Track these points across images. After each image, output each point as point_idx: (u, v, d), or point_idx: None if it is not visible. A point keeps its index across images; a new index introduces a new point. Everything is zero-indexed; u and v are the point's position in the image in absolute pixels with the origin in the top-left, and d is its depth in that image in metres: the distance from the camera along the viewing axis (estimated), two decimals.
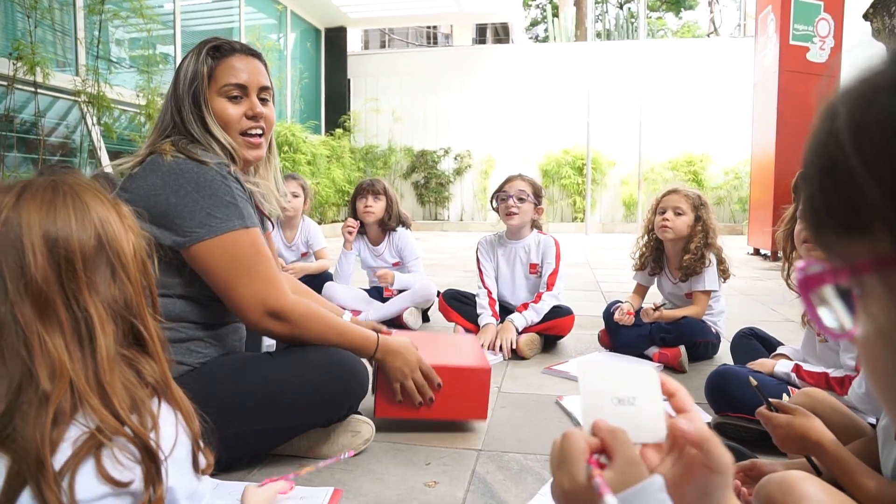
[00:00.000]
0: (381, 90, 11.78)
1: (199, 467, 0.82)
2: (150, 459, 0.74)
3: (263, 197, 1.63)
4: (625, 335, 2.48)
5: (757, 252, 6.69)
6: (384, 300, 3.16)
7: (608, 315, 2.55)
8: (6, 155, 4.97)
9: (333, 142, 10.46)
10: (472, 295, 2.81)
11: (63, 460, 0.70)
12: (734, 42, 11.77)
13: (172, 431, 0.78)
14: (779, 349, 1.89)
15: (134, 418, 0.74)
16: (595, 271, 5.39)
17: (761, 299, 3.94)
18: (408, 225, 3.33)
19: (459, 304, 2.82)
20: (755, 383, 1.19)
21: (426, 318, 3.24)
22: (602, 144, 10.74)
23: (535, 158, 11.18)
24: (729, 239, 5.25)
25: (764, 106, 6.33)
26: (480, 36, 22.39)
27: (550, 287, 2.67)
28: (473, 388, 1.68)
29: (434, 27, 20.99)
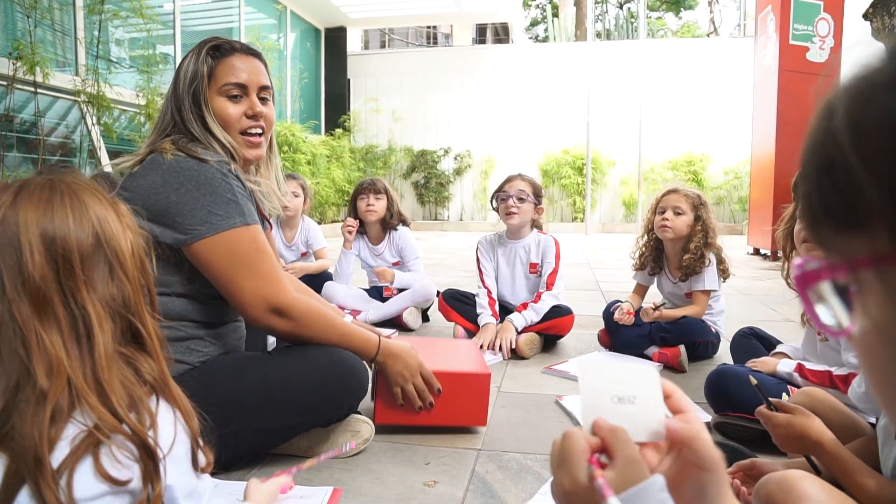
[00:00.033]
0: (381, 90, 11.78)
1: (199, 465, 0.82)
2: (149, 457, 0.74)
3: (264, 196, 1.63)
4: (624, 335, 2.48)
5: (757, 252, 6.69)
6: (384, 300, 3.16)
7: (608, 315, 2.55)
8: (6, 155, 4.97)
9: (333, 142, 10.47)
10: (472, 295, 2.81)
11: (61, 458, 0.70)
12: (734, 42, 11.78)
13: (171, 429, 0.78)
14: (778, 347, 1.89)
15: (132, 416, 0.74)
16: (595, 271, 5.39)
17: (761, 299, 3.94)
18: (408, 224, 3.34)
19: (459, 304, 2.81)
20: (755, 382, 1.19)
21: (426, 318, 3.24)
22: (602, 144, 10.74)
23: (535, 158, 11.18)
24: (729, 239, 5.25)
25: (764, 106, 6.33)
26: (480, 36, 22.39)
27: (550, 287, 2.67)
28: (473, 394, 1.67)
29: (434, 27, 20.99)
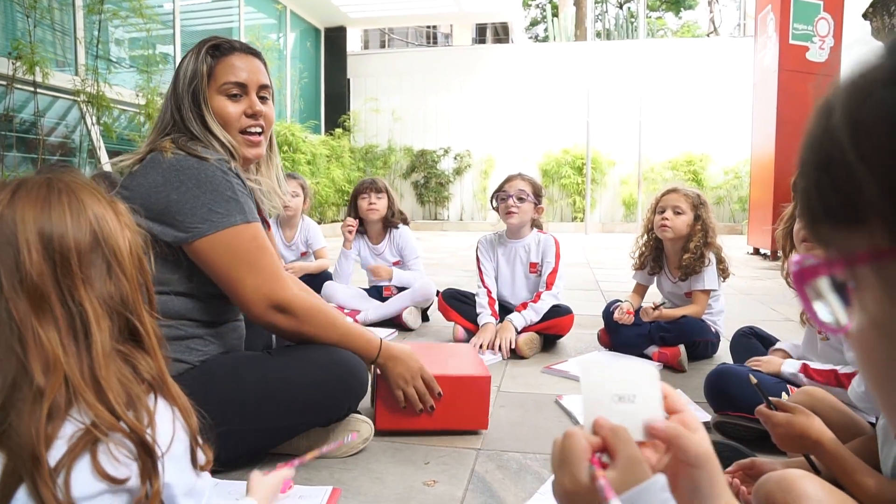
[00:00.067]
0: (381, 90, 11.78)
1: (198, 464, 0.81)
2: (147, 455, 0.74)
3: (264, 194, 1.63)
4: (624, 334, 2.48)
5: (757, 251, 6.69)
6: (384, 299, 3.16)
7: (608, 314, 2.55)
8: (6, 154, 4.97)
9: (333, 141, 10.47)
10: (472, 294, 2.81)
11: (58, 457, 0.69)
12: (734, 42, 11.78)
13: (170, 427, 0.78)
14: (777, 345, 1.88)
15: (130, 414, 0.74)
16: (595, 271, 5.39)
17: (761, 299, 3.94)
18: (407, 223, 3.35)
19: (459, 304, 2.81)
20: (755, 381, 1.19)
21: (426, 318, 3.23)
22: (602, 144, 10.74)
23: (535, 158, 11.17)
24: (729, 238, 5.25)
25: (764, 105, 6.33)
26: (480, 36, 22.39)
27: (550, 286, 2.66)
28: (474, 397, 1.67)
29: (434, 27, 20.98)
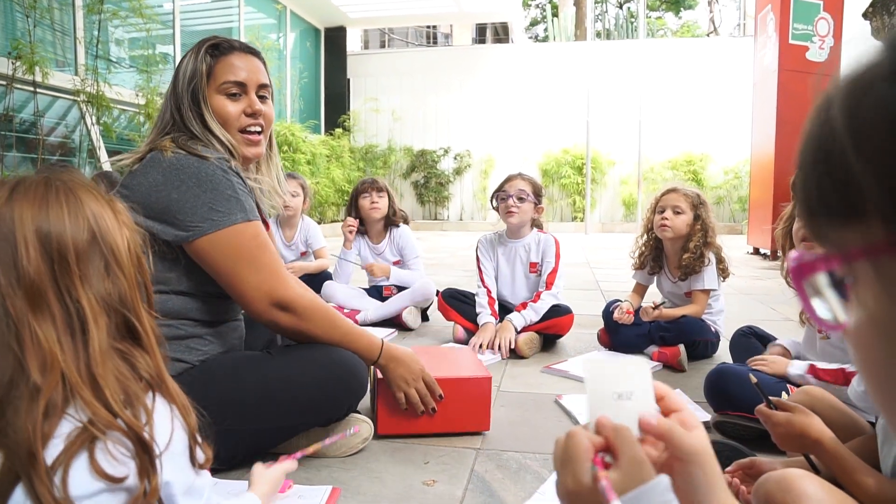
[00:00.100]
0: (381, 90, 11.78)
1: (197, 462, 0.81)
2: (144, 451, 0.73)
3: (264, 193, 1.63)
4: (624, 334, 2.48)
5: (756, 251, 6.69)
6: (383, 299, 3.16)
7: (607, 314, 2.55)
8: (5, 154, 4.97)
9: (333, 141, 10.46)
10: (472, 294, 2.81)
11: (55, 455, 0.69)
12: (734, 41, 11.78)
13: (168, 425, 0.78)
14: (777, 341, 1.88)
15: (128, 412, 0.74)
16: (594, 271, 5.38)
17: (761, 298, 3.94)
18: (407, 222, 3.36)
19: (459, 304, 2.81)
20: (755, 380, 1.19)
21: (425, 318, 3.23)
22: (602, 144, 10.74)
23: (535, 158, 11.17)
24: (728, 238, 5.25)
25: (763, 105, 6.33)
26: (480, 36, 22.38)
27: (549, 286, 2.66)
28: (475, 398, 1.67)
29: (434, 27, 20.98)
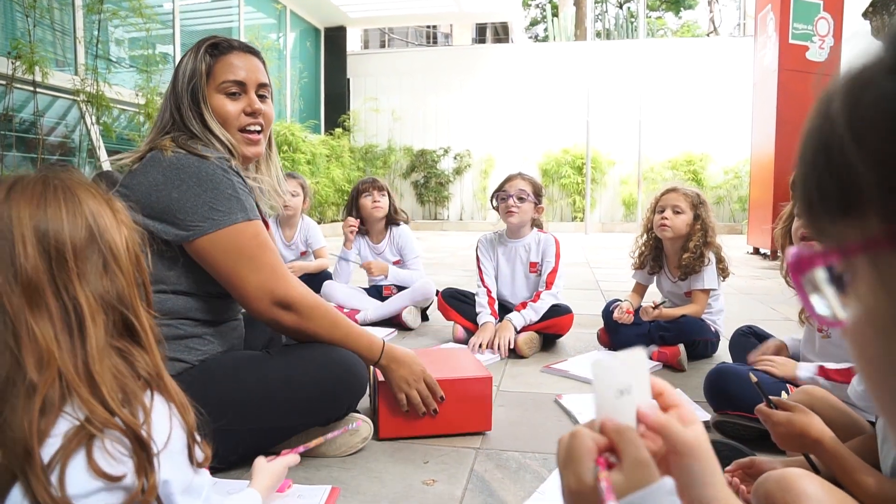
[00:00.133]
0: (381, 90, 11.78)
1: (196, 460, 0.81)
2: (142, 450, 0.73)
3: (264, 193, 1.63)
4: (624, 334, 2.48)
5: (756, 251, 6.69)
6: (383, 299, 3.16)
7: (607, 314, 2.54)
8: (5, 154, 4.97)
9: (333, 141, 10.46)
10: (472, 294, 2.80)
11: (52, 453, 0.69)
12: (734, 41, 11.78)
13: (166, 424, 0.78)
14: (777, 337, 1.89)
15: (125, 411, 0.74)
16: (594, 270, 5.38)
17: (761, 298, 3.94)
18: (407, 221, 3.36)
19: (458, 303, 2.81)
20: (755, 380, 1.19)
21: (425, 317, 3.23)
22: (602, 144, 10.74)
23: (535, 158, 11.17)
24: (728, 238, 5.25)
25: (763, 105, 6.33)
26: (480, 35, 22.39)
27: (549, 286, 2.66)
28: (476, 398, 1.68)
29: (434, 27, 20.98)
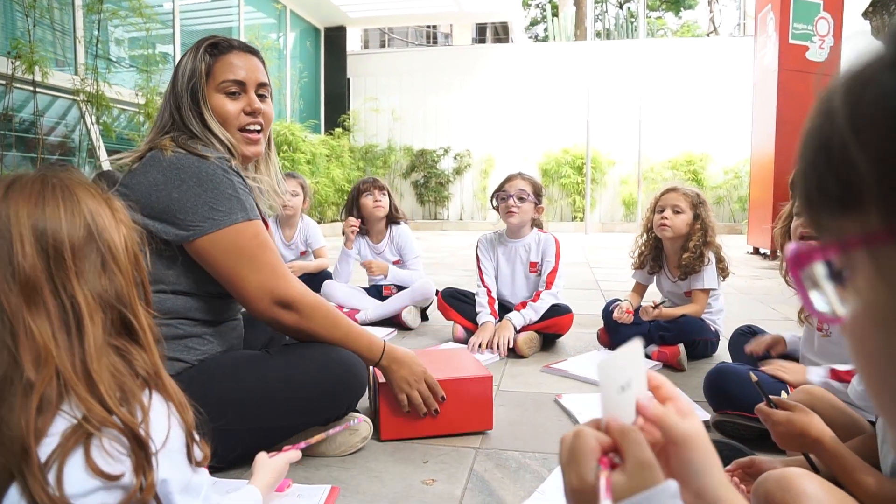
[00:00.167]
0: (381, 89, 11.78)
1: (195, 459, 0.81)
2: (140, 448, 0.73)
3: (263, 193, 1.63)
4: (624, 334, 2.47)
5: (756, 251, 6.69)
6: (383, 299, 3.16)
7: (607, 313, 2.54)
8: (5, 154, 4.96)
9: (333, 141, 10.46)
10: (472, 293, 2.80)
11: (49, 452, 0.69)
12: (734, 41, 11.78)
13: (165, 422, 0.78)
14: (777, 332, 1.89)
15: (123, 409, 0.74)
16: (594, 270, 5.38)
17: (761, 298, 3.94)
18: (406, 221, 3.37)
19: (458, 303, 2.81)
20: (755, 379, 1.19)
21: (425, 317, 3.23)
22: (602, 144, 10.73)
23: (535, 158, 11.17)
24: (728, 238, 5.24)
25: (763, 105, 6.33)
26: (480, 35, 22.39)
27: (549, 286, 2.66)
28: (477, 398, 1.68)
29: (434, 26, 20.98)
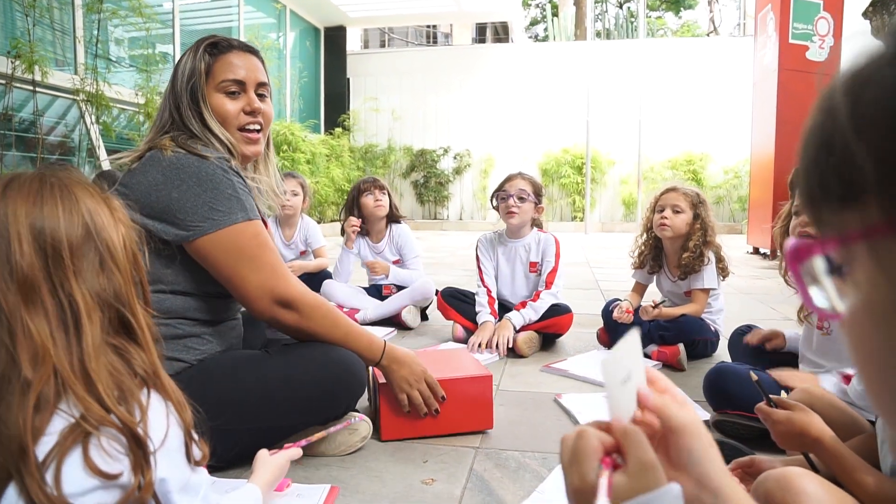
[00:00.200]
0: (381, 89, 11.77)
1: (193, 458, 0.81)
2: (138, 447, 0.73)
3: (262, 193, 1.63)
4: (623, 333, 2.46)
5: (756, 251, 6.69)
6: (383, 298, 3.16)
7: (607, 313, 2.54)
8: (5, 154, 4.96)
9: (333, 141, 10.45)
10: (472, 293, 2.80)
11: (47, 451, 0.69)
12: (734, 41, 11.78)
13: (163, 422, 0.78)
14: (776, 328, 1.89)
15: (121, 408, 0.74)
16: (594, 270, 5.38)
17: (761, 298, 3.94)
18: (405, 219, 3.39)
19: (458, 303, 2.81)
20: (755, 378, 1.19)
21: (425, 317, 3.23)
22: (602, 143, 10.73)
23: (535, 157, 11.16)
24: (728, 238, 5.25)
25: (763, 105, 6.33)
26: (480, 35, 22.39)
27: (549, 285, 2.66)
28: (477, 397, 1.68)
29: (434, 26, 20.98)
